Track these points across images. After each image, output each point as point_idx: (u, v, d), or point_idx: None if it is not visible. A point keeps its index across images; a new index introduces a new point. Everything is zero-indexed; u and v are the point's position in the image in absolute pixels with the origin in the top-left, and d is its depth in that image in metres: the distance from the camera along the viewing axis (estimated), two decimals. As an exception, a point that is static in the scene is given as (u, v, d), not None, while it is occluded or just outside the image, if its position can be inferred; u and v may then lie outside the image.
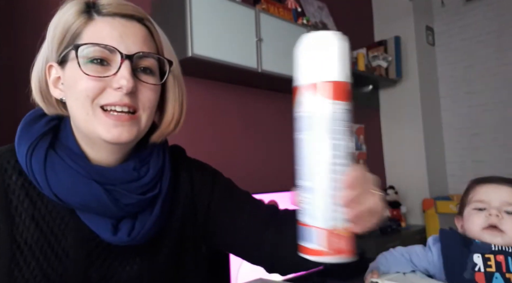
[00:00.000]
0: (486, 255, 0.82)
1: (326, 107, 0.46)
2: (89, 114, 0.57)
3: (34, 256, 0.58)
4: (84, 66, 0.57)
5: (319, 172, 0.46)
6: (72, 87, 0.58)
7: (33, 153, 0.57)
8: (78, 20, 0.58)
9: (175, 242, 0.69)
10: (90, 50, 0.57)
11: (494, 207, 0.86)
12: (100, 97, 0.57)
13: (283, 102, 2.50)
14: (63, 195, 0.57)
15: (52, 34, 0.60)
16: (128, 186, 0.60)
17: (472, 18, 3.12)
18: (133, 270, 0.63)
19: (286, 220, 0.70)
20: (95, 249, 0.61)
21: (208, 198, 0.74)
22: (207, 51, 1.74)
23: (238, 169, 2.20)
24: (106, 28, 0.58)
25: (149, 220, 0.61)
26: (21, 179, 0.59)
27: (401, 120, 3.19)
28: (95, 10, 0.59)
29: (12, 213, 0.58)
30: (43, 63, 0.63)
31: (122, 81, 0.56)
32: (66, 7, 0.60)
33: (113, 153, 0.63)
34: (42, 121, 0.62)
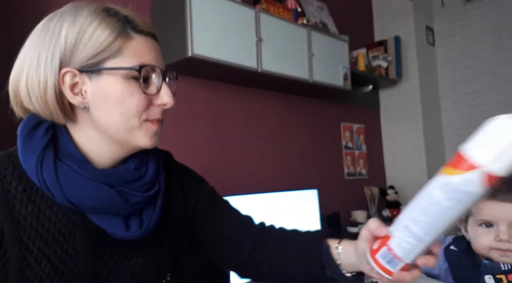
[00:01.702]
0: (498, 276, 0.79)
1: (480, 191, 0.47)
2: (134, 126, 0.63)
3: (45, 254, 0.59)
4: (128, 82, 0.61)
5: (437, 231, 0.52)
6: (114, 101, 0.61)
7: (43, 166, 0.59)
8: (120, 38, 0.60)
9: (174, 234, 0.74)
10: (134, 69, 0.61)
11: (503, 231, 0.80)
12: (145, 113, 0.63)
13: (283, 102, 2.50)
14: (78, 201, 0.60)
15: (73, 41, 0.59)
16: (132, 186, 0.64)
17: (472, 18, 3.12)
18: (138, 261, 0.68)
19: (263, 234, 0.78)
20: (102, 245, 0.64)
21: (193, 202, 0.79)
22: (207, 51, 1.74)
23: (237, 169, 2.20)
24: (144, 48, 0.63)
25: (154, 214, 0.66)
26: (22, 185, 0.60)
27: (401, 120, 3.19)
28: (130, 27, 0.62)
29: (17, 217, 0.58)
30: (52, 67, 0.60)
31: (167, 99, 0.64)
32: (98, 20, 0.60)
33: (120, 156, 0.67)
34: (40, 131, 0.62)
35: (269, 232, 0.80)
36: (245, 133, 2.28)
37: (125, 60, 0.61)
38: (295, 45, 2.19)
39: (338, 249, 0.68)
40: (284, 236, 0.78)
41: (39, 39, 0.61)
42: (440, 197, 0.49)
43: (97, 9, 0.61)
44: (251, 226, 0.80)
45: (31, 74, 0.61)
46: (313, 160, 2.66)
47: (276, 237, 0.78)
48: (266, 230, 0.80)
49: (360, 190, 2.93)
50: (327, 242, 0.71)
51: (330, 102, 2.83)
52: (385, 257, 0.55)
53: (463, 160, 0.48)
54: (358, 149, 3.06)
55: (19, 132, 0.63)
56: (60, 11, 0.62)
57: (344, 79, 2.50)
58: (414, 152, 3.10)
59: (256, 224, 0.81)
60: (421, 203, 0.52)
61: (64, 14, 0.61)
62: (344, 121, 2.96)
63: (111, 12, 0.62)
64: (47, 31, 0.61)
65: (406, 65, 3.15)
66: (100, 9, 0.62)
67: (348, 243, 0.68)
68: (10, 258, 0.57)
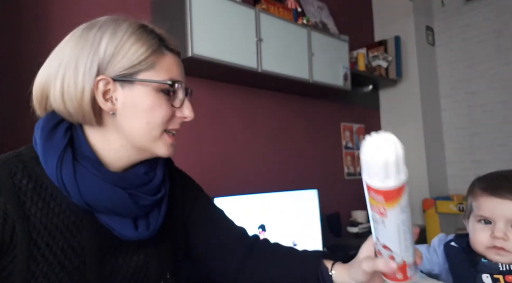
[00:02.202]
0: (495, 276, 0.79)
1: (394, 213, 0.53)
2: (156, 135, 0.68)
3: (52, 251, 0.61)
4: (158, 94, 0.66)
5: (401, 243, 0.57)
6: (143, 111, 0.65)
7: (62, 166, 0.62)
8: (154, 54, 0.66)
9: (174, 236, 0.78)
10: (167, 83, 0.67)
11: (499, 228, 0.80)
12: (168, 123, 0.69)
13: (283, 102, 2.50)
14: (92, 201, 0.63)
15: (111, 52, 0.63)
16: (142, 189, 0.68)
17: (472, 18, 3.12)
18: (140, 259, 0.71)
19: (256, 247, 0.81)
20: (107, 243, 0.67)
21: (190, 209, 0.83)
22: (207, 51, 1.74)
23: (237, 169, 2.20)
24: (174, 65, 0.69)
25: (159, 217, 0.70)
26: (32, 182, 0.62)
27: (401, 120, 3.19)
28: (164, 45, 0.68)
29: (27, 214, 0.60)
30: (89, 73, 0.63)
31: (188, 112, 0.71)
32: (137, 36, 0.65)
33: (133, 161, 0.70)
34: (59, 131, 0.65)
35: (263, 246, 0.82)
36: (245, 133, 2.28)
37: (157, 74, 0.66)
38: (295, 45, 2.19)
39: (331, 272, 0.73)
40: (280, 253, 0.81)
41: (77, 45, 0.64)
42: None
43: (135, 25, 0.67)
44: (244, 238, 0.83)
45: (67, 77, 0.63)
46: (313, 160, 2.66)
47: (272, 252, 0.81)
48: (260, 244, 0.83)
49: (360, 190, 2.90)
50: (324, 263, 0.74)
51: (330, 102, 2.83)
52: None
53: (368, 189, 0.53)
54: (358, 149, 3.06)
55: (40, 130, 0.65)
56: (99, 23, 0.66)
57: (344, 79, 2.50)
58: (414, 152, 3.10)
59: (250, 237, 0.84)
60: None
61: (104, 26, 0.65)
62: (344, 121, 2.96)
63: (148, 29, 0.68)
64: (86, 40, 0.64)
65: (406, 65, 3.15)
66: (138, 25, 0.67)
67: (341, 267, 0.73)
68: (18, 254, 0.59)
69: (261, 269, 0.79)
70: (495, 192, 0.82)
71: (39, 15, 1.55)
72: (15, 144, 0.67)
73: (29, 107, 0.69)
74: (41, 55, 0.69)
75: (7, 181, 0.60)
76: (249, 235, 0.85)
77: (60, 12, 1.61)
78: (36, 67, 0.69)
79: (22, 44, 1.49)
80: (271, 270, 0.78)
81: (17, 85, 1.44)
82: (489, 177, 0.87)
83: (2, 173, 0.61)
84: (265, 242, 0.85)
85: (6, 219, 0.58)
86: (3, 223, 0.58)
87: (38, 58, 0.68)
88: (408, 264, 0.58)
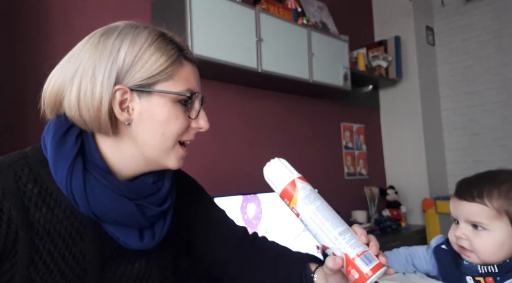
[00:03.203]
0: (477, 278, 0.81)
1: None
2: (169, 147, 0.66)
3: (53, 258, 0.60)
4: (175, 104, 0.65)
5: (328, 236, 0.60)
6: (159, 122, 0.64)
7: (72, 177, 0.60)
8: (175, 63, 0.65)
9: (176, 240, 0.77)
10: (186, 95, 0.66)
11: (460, 227, 0.83)
12: (182, 135, 0.67)
13: (283, 102, 2.50)
14: (100, 212, 0.62)
15: (130, 62, 0.62)
16: (149, 199, 0.67)
17: (472, 18, 3.12)
18: (142, 265, 0.70)
19: (253, 246, 0.83)
20: (108, 250, 0.66)
21: (193, 211, 0.83)
22: (207, 51, 1.74)
23: (237, 169, 2.20)
24: (192, 75, 0.68)
25: (165, 226, 0.69)
26: (37, 187, 0.61)
27: (401, 120, 3.19)
28: (183, 54, 0.67)
29: (30, 219, 0.59)
30: (108, 83, 0.61)
31: (204, 123, 0.69)
32: (156, 46, 0.63)
33: (142, 171, 0.69)
34: (70, 139, 0.63)
35: (258, 246, 0.84)
36: (245, 133, 2.28)
37: (175, 85, 0.64)
38: (295, 45, 2.19)
39: (313, 275, 0.74)
40: (272, 253, 0.82)
41: (95, 52, 0.62)
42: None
43: (155, 33, 0.65)
44: (244, 238, 0.84)
45: (84, 85, 0.61)
46: (313, 160, 2.66)
47: (264, 253, 0.82)
48: (257, 243, 0.85)
49: (360, 190, 2.93)
50: (310, 266, 0.75)
51: (330, 102, 2.83)
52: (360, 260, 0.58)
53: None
54: (358, 149, 3.06)
55: (50, 137, 0.63)
56: (117, 29, 0.64)
57: (344, 79, 2.50)
58: (414, 152, 3.10)
59: (249, 236, 0.86)
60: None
61: (123, 33, 0.63)
62: (344, 121, 2.96)
63: (167, 38, 0.66)
64: (105, 47, 0.62)
65: (406, 65, 3.16)
66: (158, 33, 0.65)
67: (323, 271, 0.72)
68: (19, 260, 0.58)
69: (254, 269, 0.81)
70: (457, 193, 0.86)
71: (39, 15, 1.55)
72: (14, 144, 0.67)
73: (29, 107, 0.68)
74: (42, 56, 0.69)
75: (12, 186, 0.59)
76: (249, 234, 0.86)
77: (60, 12, 1.61)
78: (46, 69, 0.67)
79: (23, 44, 1.49)
80: (261, 270, 0.80)
81: (17, 85, 1.44)
82: (463, 178, 0.89)
83: (7, 176, 0.59)
84: (262, 241, 0.86)
85: (10, 224, 0.57)
86: (6, 228, 0.57)
87: (39, 58, 0.68)
88: (353, 257, 0.56)
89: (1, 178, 0.59)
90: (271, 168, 0.63)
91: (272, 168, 0.63)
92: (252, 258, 0.82)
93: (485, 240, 0.80)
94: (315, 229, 0.58)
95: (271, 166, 0.63)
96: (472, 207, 0.81)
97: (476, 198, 0.81)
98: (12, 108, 1.43)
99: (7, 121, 1.42)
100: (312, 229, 0.59)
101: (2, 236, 0.57)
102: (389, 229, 2.71)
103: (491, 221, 0.80)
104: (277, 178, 0.62)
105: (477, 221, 0.81)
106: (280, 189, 0.61)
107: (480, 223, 0.80)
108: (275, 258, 0.81)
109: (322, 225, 0.57)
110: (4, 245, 0.57)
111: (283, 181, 0.61)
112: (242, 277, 0.82)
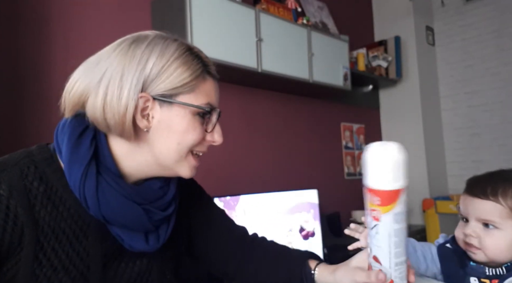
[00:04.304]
0: (482, 280, 0.80)
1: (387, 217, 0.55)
2: (183, 156, 0.68)
3: (57, 255, 0.62)
4: (194, 117, 0.67)
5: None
6: (177, 132, 0.66)
7: (86, 180, 0.62)
8: (199, 78, 0.67)
9: (177, 239, 0.78)
10: (205, 109, 0.68)
11: (470, 225, 0.82)
12: (196, 146, 0.69)
13: (283, 102, 2.50)
14: (110, 216, 0.64)
15: (156, 72, 0.63)
16: (155, 204, 0.68)
17: (472, 18, 3.12)
18: (142, 263, 0.72)
19: (253, 246, 0.84)
20: (111, 248, 0.67)
21: (193, 211, 0.84)
22: (207, 51, 1.71)
23: (237, 169, 2.20)
24: (213, 90, 0.70)
25: (168, 229, 0.71)
26: (43, 185, 0.62)
27: (401, 120, 3.19)
28: (206, 70, 0.69)
29: (36, 217, 0.60)
30: (134, 90, 0.63)
31: (219, 138, 0.71)
32: (183, 59, 0.65)
33: (149, 176, 0.70)
34: (86, 141, 0.64)
35: (258, 245, 0.86)
36: (245, 133, 2.28)
37: (197, 98, 0.67)
38: (295, 45, 2.19)
39: (314, 273, 0.77)
40: (271, 252, 0.84)
41: (124, 59, 0.64)
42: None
43: (183, 47, 0.67)
44: (243, 238, 0.86)
45: (111, 90, 0.63)
46: (313, 160, 2.66)
47: (264, 252, 0.84)
48: (256, 243, 0.86)
49: (360, 190, 2.91)
50: (309, 264, 0.78)
51: (330, 102, 2.83)
52: None
53: (368, 191, 0.55)
54: (358, 149, 3.06)
55: (66, 138, 0.64)
56: (148, 38, 0.66)
57: (344, 79, 2.50)
58: (414, 152, 3.10)
59: (249, 236, 0.88)
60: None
61: (153, 43, 0.65)
62: (344, 121, 2.96)
63: (194, 53, 0.68)
64: (134, 56, 0.64)
65: (406, 65, 3.15)
66: (186, 48, 0.68)
67: (324, 267, 0.77)
68: (23, 256, 0.59)
69: (254, 269, 0.82)
70: (469, 190, 0.85)
71: (39, 15, 1.55)
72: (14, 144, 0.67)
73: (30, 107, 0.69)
74: (42, 55, 0.69)
75: (19, 183, 0.60)
76: (248, 234, 0.87)
77: (60, 12, 1.61)
78: (65, 71, 0.67)
79: (22, 44, 1.49)
80: (261, 270, 0.81)
81: (17, 85, 1.44)
82: (475, 176, 0.88)
83: (14, 174, 0.61)
84: (261, 241, 0.87)
85: (16, 221, 0.59)
86: (13, 225, 0.58)
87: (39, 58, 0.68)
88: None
89: (8, 176, 0.60)
90: (390, 158, 0.52)
91: (391, 159, 0.52)
92: (252, 257, 0.83)
93: (496, 239, 0.79)
94: (383, 244, 0.57)
95: (391, 156, 0.52)
96: (485, 204, 0.80)
97: (490, 195, 0.80)
98: (12, 108, 1.43)
99: (7, 121, 1.42)
100: (379, 241, 0.57)
101: (9, 233, 0.58)
102: (389, 229, 2.71)
103: (504, 220, 0.79)
104: (387, 174, 0.52)
105: (489, 220, 0.80)
106: (380, 187, 0.53)
107: (492, 221, 0.79)
108: (275, 257, 0.82)
109: (392, 247, 0.56)
110: (10, 242, 0.58)
111: (392, 183, 0.52)
112: (242, 276, 0.83)
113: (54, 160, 0.65)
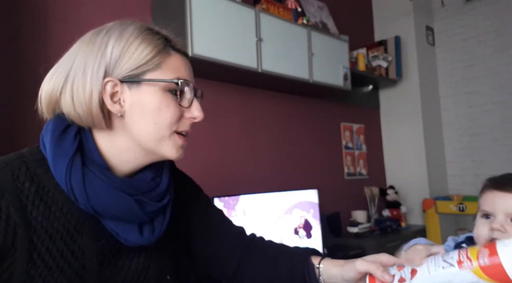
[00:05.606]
0: None
1: None
2: (164, 136, 0.67)
3: (51, 255, 0.61)
4: (165, 94, 0.66)
5: None
6: (150, 111, 0.65)
7: (72, 173, 0.62)
8: (160, 54, 0.66)
9: (175, 238, 0.78)
10: (174, 82, 0.66)
11: (498, 220, 0.81)
12: (176, 124, 0.68)
13: (283, 102, 2.50)
14: (100, 208, 0.63)
15: (118, 54, 0.64)
16: (149, 195, 0.68)
17: (472, 18, 3.12)
18: (140, 262, 0.71)
19: (251, 246, 0.84)
20: (107, 246, 0.67)
21: (191, 210, 0.84)
22: (207, 51, 1.74)
23: (237, 169, 2.20)
24: (181, 65, 0.69)
25: (164, 222, 0.70)
26: (34, 186, 0.62)
27: (401, 120, 3.19)
28: (170, 45, 0.68)
29: (28, 217, 0.60)
30: (97, 76, 0.63)
31: (197, 113, 0.70)
32: (143, 37, 0.65)
33: (140, 165, 0.70)
34: (69, 136, 0.65)
35: (257, 245, 0.85)
36: (245, 133, 2.28)
37: (164, 74, 0.66)
38: (295, 45, 2.19)
39: (319, 267, 0.76)
40: (271, 251, 0.83)
41: (86, 50, 0.65)
42: None
43: (141, 27, 0.67)
44: (242, 238, 0.85)
45: (76, 82, 0.64)
46: (313, 160, 2.66)
47: (264, 251, 0.83)
48: (255, 243, 0.85)
49: (360, 190, 2.93)
50: (311, 260, 0.77)
51: (330, 102, 2.83)
52: None
53: (501, 273, 0.58)
54: (358, 149, 3.06)
55: (49, 135, 0.64)
56: (107, 27, 0.67)
57: (344, 79, 2.50)
58: (414, 152, 3.11)
59: (247, 236, 0.86)
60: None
61: (111, 29, 0.66)
62: (344, 121, 2.96)
63: (154, 31, 0.68)
64: (94, 45, 0.65)
65: (406, 65, 3.16)
66: (144, 27, 0.67)
67: (330, 262, 0.77)
68: (18, 257, 0.59)
69: (253, 268, 0.81)
70: (498, 186, 0.84)
71: (39, 16, 1.55)
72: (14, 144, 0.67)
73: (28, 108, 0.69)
74: (41, 55, 0.69)
75: (10, 184, 0.60)
76: (246, 234, 0.87)
77: (60, 12, 1.61)
78: (42, 72, 0.69)
79: (22, 44, 1.49)
80: (262, 270, 0.81)
81: (17, 85, 1.44)
82: (499, 175, 0.89)
83: (5, 175, 0.60)
84: (260, 240, 0.87)
85: (9, 222, 0.58)
86: (5, 226, 0.58)
87: (38, 58, 0.68)
88: None
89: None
90: None
91: None
92: (251, 256, 0.82)
93: None
94: (433, 273, 0.63)
95: None
96: None
97: None
98: (12, 109, 1.43)
99: (7, 121, 1.42)
100: (435, 272, 0.63)
101: (1, 234, 0.57)
102: (389, 229, 2.72)
103: None
104: None
105: None
106: (507, 269, 0.59)
107: None
108: (275, 255, 0.82)
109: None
110: (3, 243, 0.58)
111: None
112: (241, 277, 0.82)
113: (45, 161, 0.65)
